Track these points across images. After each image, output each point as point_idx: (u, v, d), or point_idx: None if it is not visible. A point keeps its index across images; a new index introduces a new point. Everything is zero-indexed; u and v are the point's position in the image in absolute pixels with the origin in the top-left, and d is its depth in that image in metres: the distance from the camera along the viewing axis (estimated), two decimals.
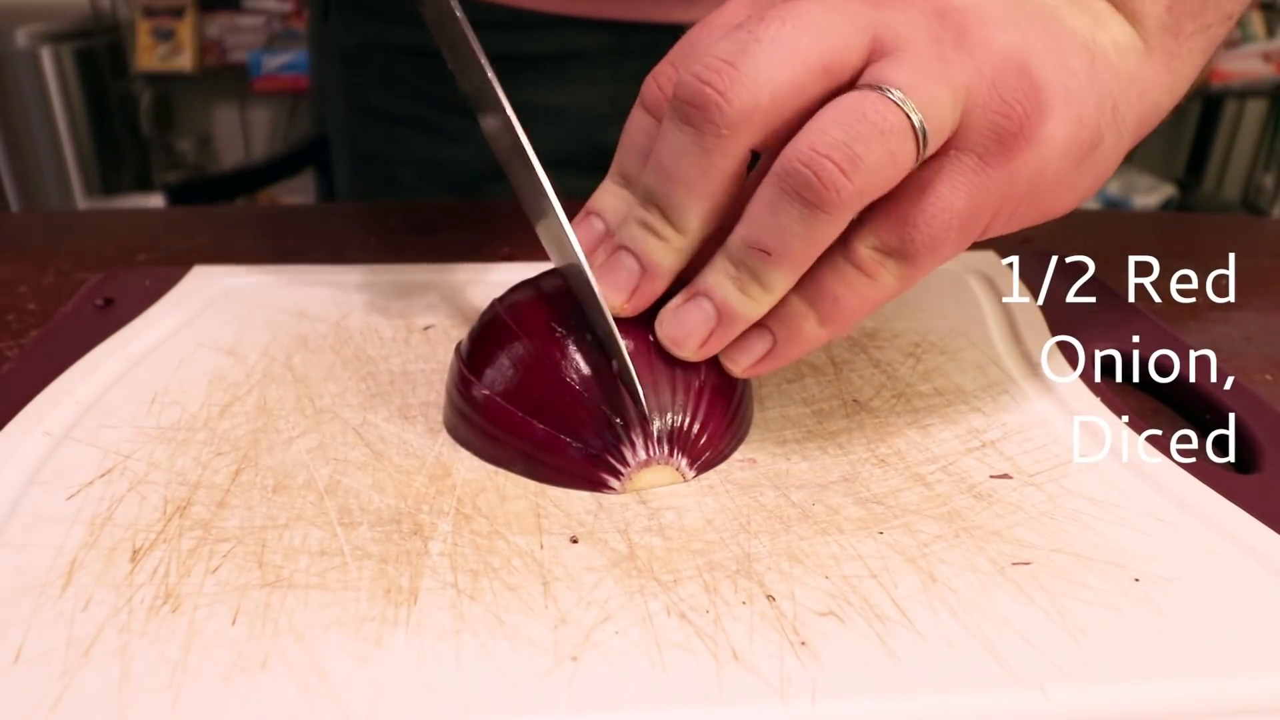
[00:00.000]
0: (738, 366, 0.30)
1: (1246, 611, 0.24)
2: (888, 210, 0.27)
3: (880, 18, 0.27)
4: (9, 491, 0.28)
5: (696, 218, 0.28)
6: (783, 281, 0.28)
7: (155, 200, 2.03)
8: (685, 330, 0.29)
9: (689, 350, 0.29)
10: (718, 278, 0.28)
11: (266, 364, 0.36)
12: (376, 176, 0.67)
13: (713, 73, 0.26)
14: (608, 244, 0.30)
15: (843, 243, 0.27)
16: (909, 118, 0.25)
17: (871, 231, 0.27)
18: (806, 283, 0.28)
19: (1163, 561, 0.26)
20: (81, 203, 2.12)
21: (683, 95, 0.26)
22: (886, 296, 0.28)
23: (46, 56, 2.01)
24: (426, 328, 0.40)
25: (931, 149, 0.26)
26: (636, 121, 0.31)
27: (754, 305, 0.28)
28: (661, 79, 0.30)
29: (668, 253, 0.29)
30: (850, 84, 0.27)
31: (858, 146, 0.25)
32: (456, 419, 0.32)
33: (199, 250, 0.51)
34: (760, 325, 0.29)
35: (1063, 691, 0.22)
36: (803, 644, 0.23)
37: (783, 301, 0.28)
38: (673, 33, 0.58)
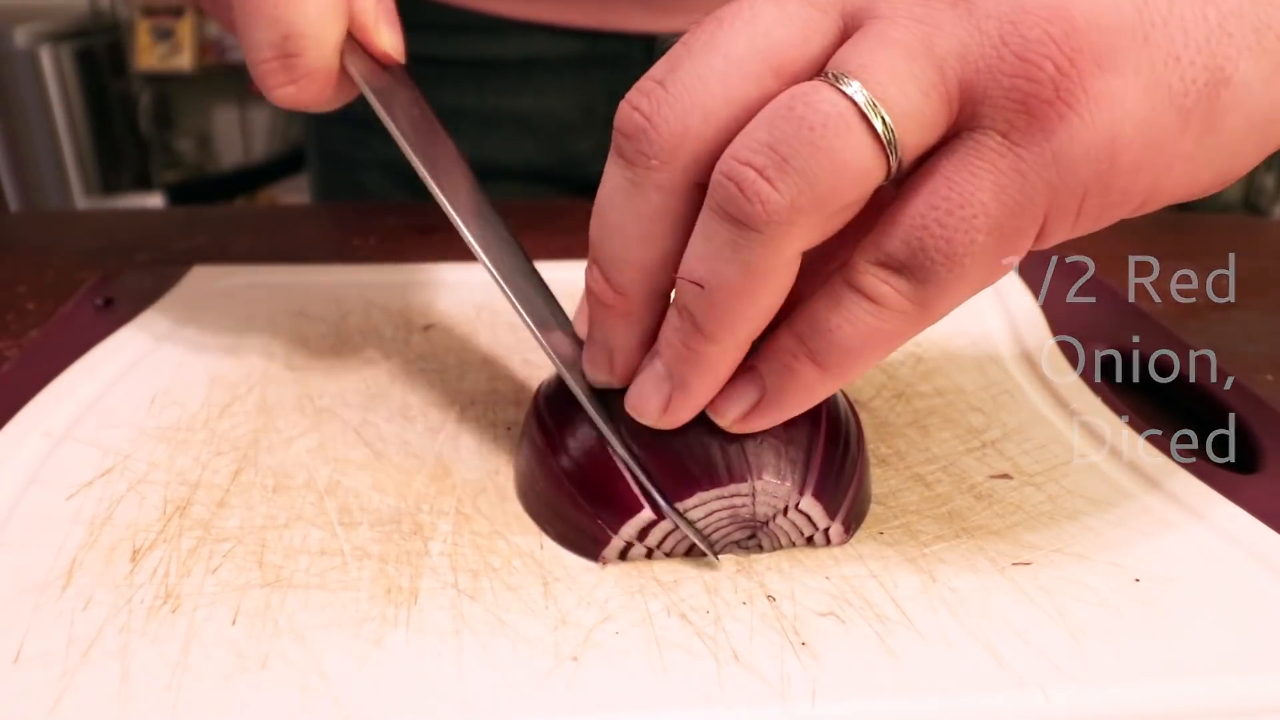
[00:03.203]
0: (724, 419, 0.25)
1: (1246, 611, 0.24)
2: (895, 213, 0.22)
3: None
4: (9, 491, 0.28)
5: (632, 271, 0.24)
6: (725, 326, 0.23)
7: (155, 200, 2.03)
8: (641, 396, 0.25)
9: (651, 418, 0.25)
10: (666, 330, 0.24)
11: (266, 364, 0.36)
12: (342, 178, 0.67)
13: (641, 94, 0.22)
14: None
15: (844, 261, 0.23)
16: (855, 104, 0.20)
17: (874, 242, 0.22)
18: (799, 314, 0.23)
19: (1163, 561, 0.26)
20: (81, 202, 2.11)
21: (616, 123, 0.23)
22: (899, 330, 0.22)
23: (46, 56, 2.01)
24: (426, 328, 0.40)
25: (912, 140, 0.21)
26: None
27: (698, 360, 0.24)
28: None
29: (619, 328, 0.25)
30: None
31: (783, 148, 0.20)
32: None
33: (199, 250, 0.51)
34: (750, 368, 0.24)
35: (1063, 691, 0.22)
36: (803, 644, 0.23)
37: (772, 339, 0.24)
38: (642, 42, 0.57)
